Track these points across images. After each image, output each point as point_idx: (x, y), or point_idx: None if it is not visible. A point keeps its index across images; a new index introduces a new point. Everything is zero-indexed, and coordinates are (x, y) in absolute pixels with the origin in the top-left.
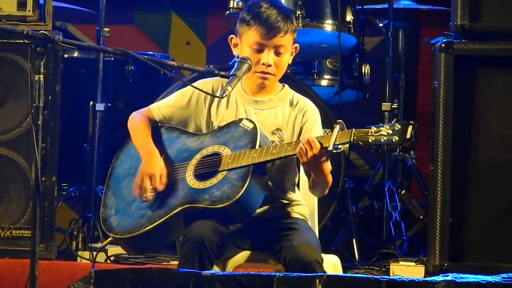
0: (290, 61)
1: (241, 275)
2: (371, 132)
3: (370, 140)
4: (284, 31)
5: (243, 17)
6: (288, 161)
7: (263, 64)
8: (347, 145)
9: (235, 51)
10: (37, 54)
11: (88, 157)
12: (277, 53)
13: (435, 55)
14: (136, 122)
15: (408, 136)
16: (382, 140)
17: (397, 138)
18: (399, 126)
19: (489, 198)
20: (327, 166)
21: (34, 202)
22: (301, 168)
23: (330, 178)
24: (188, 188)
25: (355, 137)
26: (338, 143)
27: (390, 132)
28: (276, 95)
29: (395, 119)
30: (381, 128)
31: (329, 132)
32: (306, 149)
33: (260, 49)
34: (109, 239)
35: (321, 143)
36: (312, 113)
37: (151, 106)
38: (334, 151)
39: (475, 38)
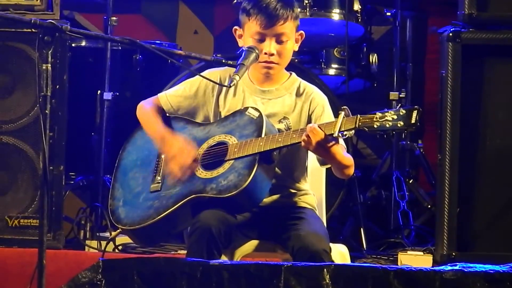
0: (297, 48)
1: (249, 265)
2: (376, 118)
3: (375, 126)
4: (284, 19)
5: (244, 7)
6: (297, 150)
7: (265, 53)
8: (353, 131)
9: (240, 42)
10: (45, 43)
11: (95, 146)
12: (279, 42)
13: (442, 44)
14: (146, 111)
15: (413, 121)
16: (387, 125)
17: (402, 123)
18: (404, 111)
19: (496, 187)
20: (338, 150)
21: (41, 191)
22: (309, 157)
23: (346, 160)
24: (195, 178)
25: (360, 123)
26: (343, 129)
27: (395, 117)
28: (282, 84)
29: (399, 105)
30: (386, 114)
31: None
32: (310, 138)
33: (261, 39)
34: (118, 230)
35: (326, 130)
36: (319, 99)
37: (159, 95)
38: (340, 138)
39: (482, 27)
